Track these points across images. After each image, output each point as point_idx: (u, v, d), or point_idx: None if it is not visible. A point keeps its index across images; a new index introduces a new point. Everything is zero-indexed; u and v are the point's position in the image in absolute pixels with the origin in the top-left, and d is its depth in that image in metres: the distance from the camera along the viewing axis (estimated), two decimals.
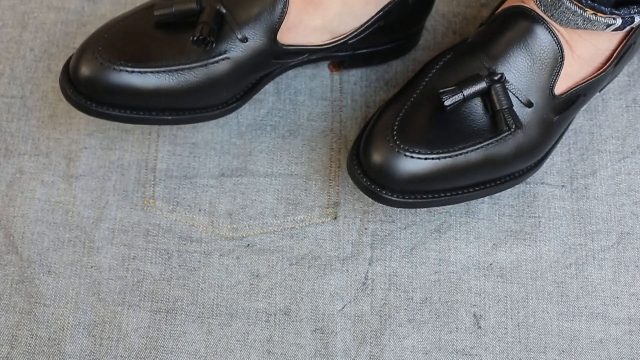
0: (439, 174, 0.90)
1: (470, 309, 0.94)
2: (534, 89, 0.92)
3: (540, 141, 0.93)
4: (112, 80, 0.91)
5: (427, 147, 0.89)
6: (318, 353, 0.93)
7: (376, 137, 0.90)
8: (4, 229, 0.98)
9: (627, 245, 0.96)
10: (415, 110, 0.91)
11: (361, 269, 0.96)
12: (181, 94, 0.93)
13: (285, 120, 1.03)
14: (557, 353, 0.92)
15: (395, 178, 0.89)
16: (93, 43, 0.92)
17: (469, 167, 0.90)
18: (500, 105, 0.90)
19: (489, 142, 0.90)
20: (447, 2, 1.08)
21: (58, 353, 0.93)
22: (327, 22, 0.95)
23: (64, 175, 1.00)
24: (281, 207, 0.99)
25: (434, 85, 0.92)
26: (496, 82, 0.90)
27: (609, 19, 0.90)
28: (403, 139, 0.89)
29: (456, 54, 0.94)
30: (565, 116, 0.95)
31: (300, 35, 0.95)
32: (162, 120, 0.95)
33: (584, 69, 0.95)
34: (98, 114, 0.93)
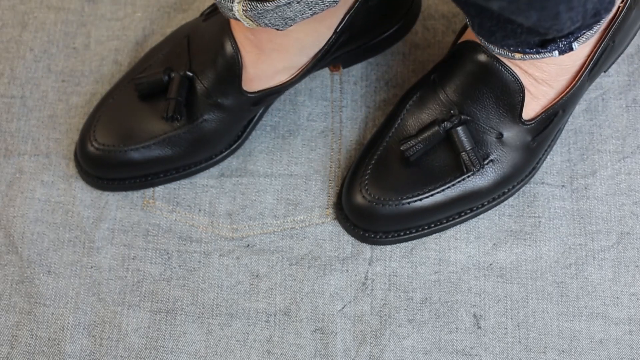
0: (413, 215, 0.94)
1: (470, 309, 0.94)
2: (502, 121, 0.93)
3: (520, 166, 0.95)
4: (111, 161, 0.96)
5: (396, 195, 0.93)
6: (318, 353, 0.93)
7: (351, 189, 0.94)
8: (4, 229, 0.98)
9: (627, 245, 0.96)
10: (385, 157, 0.94)
11: (361, 269, 0.96)
12: (178, 156, 0.97)
13: (285, 120, 1.03)
14: (557, 353, 0.92)
15: (373, 224, 0.95)
16: (86, 131, 0.97)
17: (442, 205, 0.94)
18: (461, 148, 0.92)
19: (458, 180, 0.93)
20: (447, 2, 1.08)
21: (58, 353, 0.93)
22: (287, 62, 0.95)
23: (64, 175, 1.00)
24: (281, 207, 0.99)
25: (402, 130, 0.95)
26: (457, 125, 0.92)
27: (544, 54, 0.88)
28: (374, 190, 0.93)
29: (422, 93, 0.95)
30: (545, 135, 0.95)
31: (265, 81, 0.96)
32: (173, 178, 0.99)
33: (552, 89, 0.93)
34: (112, 188, 0.99)
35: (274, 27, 0.87)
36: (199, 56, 0.95)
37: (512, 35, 0.85)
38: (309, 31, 0.93)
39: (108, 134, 0.96)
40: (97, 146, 0.96)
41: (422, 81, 0.97)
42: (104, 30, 1.07)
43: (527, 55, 0.88)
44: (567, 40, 0.87)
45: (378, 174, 0.94)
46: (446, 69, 0.95)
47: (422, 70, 1.04)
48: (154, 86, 0.95)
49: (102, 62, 1.06)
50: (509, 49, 0.88)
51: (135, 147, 0.96)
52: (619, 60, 1.03)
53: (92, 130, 0.97)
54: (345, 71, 1.05)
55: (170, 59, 0.97)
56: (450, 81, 0.94)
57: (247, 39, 0.93)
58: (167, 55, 0.98)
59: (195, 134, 0.96)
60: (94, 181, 0.99)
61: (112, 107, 0.97)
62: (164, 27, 1.07)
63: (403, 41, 1.06)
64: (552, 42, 0.87)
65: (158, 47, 1.00)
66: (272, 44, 0.93)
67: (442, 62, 0.96)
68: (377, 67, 1.05)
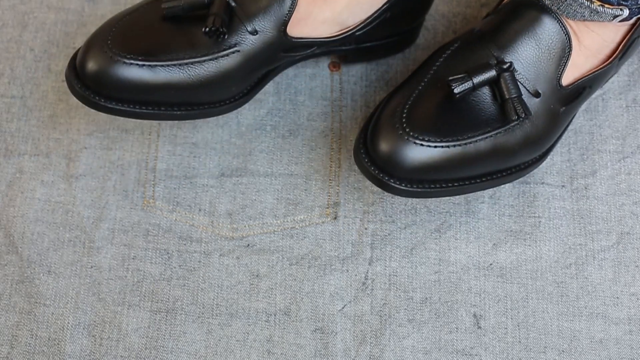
0: (448, 162, 0.89)
1: (470, 309, 0.94)
2: (542, 79, 0.92)
3: (546, 132, 0.93)
4: (121, 74, 0.89)
5: (436, 135, 0.88)
6: (318, 353, 0.93)
7: (384, 124, 0.89)
8: (4, 229, 0.98)
9: (627, 245, 0.96)
10: (423, 98, 0.90)
11: (361, 269, 0.96)
12: (191, 87, 0.92)
13: (285, 120, 1.03)
14: (557, 353, 0.92)
15: (404, 166, 0.88)
16: (101, 36, 0.90)
17: (477, 157, 0.90)
18: (509, 94, 0.89)
19: (497, 131, 0.90)
20: (447, 2, 1.08)
21: (58, 353, 0.93)
22: (336, 14, 0.95)
23: (64, 175, 1.00)
24: (281, 207, 0.99)
25: (442, 74, 0.91)
26: (505, 71, 0.90)
27: (616, 10, 0.90)
28: (412, 126, 0.87)
29: (463, 42, 0.94)
30: (571, 108, 0.95)
31: (310, 27, 0.95)
32: (171, 115, 0.94)
33: (590, 61, 0.95)
34: (106, 109, 0.92)
35: None
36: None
37: None
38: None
39: (126, 44, 0.89)
40: (110, 54, 0.88)
41: (460, 36, 0.95)
42: None
43: (605, 5, 0.89)
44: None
45: (415, 114, 0.88)
46: (493, 22, 0.93)
47: None
48: (188, 9, 0.91)
49: None
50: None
51: (153, 64, 0.89)
52: None
53: (107, 37, 0.89)
54: (345, 71, 1.05)
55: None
56: (497, 33, 0.92)
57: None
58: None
59: (219, 66, 0.91)
60: (89, 97, 0.91)
61: (134, 20, 0.92)
62: None
63: None
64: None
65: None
66: None
67: (486, 19, 0.95)
68: (377, 67, 1.05)
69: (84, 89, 0.91)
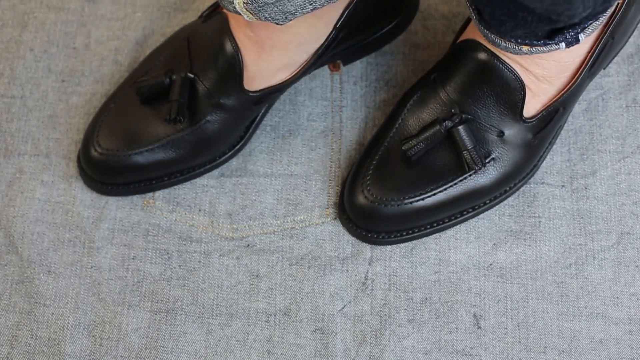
0: (415, 215, 0.94)
1: (470, 309, 0.94)
2: (503, 119, 0.93)
3: (521, 164, 0.95)
4: (115, 165, 0.96)
5: (398, 195, 0.93)
6: (318, 353, 0.93)
7: (354, 190, 0.94)
8: (4, 229, 0.98)
9: (627, 245, 0.96)
10: (387, 157, 0.94)
11: (361, 269, 0.96)
12: (183, 159, 0.97)
13: (285, 120, 1.03)
14: (557, 353, 0.92)
15: (375, 224, 0.95)
16: (89, 136, 0.97)
17: (445, 204, 0.94)
18: (462, 147, 0.92)
19: (461, 179, 0.93)
20: (447, 2, 1.08)
21: (58, 353, 0.93)
22: (287, 58, 0.95)
23: (64, 175, 1.00)
24: (281, 207, 0.99)
25: (404, 130, 0.95)
26: (458, 124, 0.92)
27: (550, 46, 0.88)
28: (376, 190, 0.93)
29: (423, 93, 0.95)
30: (545, 133, 0.95)
31: (266, 79, 0.96)
32: (177, 182, 0.99)
33: (553, 86, 0.94)
34: (116, 193, 0.99)
35: (273, 21, 0.87)
36: (199, 57, 0.95)
37: (522, 25, 0.85)
38: (308, 27, 0.93)
39: (111, 139, 0.96)
40: (100, 151, 0.96)
41: (422, 81, 0.97)
42: (104, 30, 1.07)
43: (534, 47, 0.88)
44: (574, 31, 0.87)
45: (380, 174, 0.94)
46: (446, 68, 0.95)
47: (422, 70, 1.04)
48: (155, 89, 0.95)
49: (102, 62, 1.06)
50: (517, 41, 0.88)
51: (139, 151, 0.95)
52: (619, 60, 1.03)
53: (95, 135, 0.97)
54: (345, 71, 1.05)
55: (171, 61, 0.97)
56: (450, 80, 0.93)
57: (246, 37, 0.93)
58: (167, 58, 0.98)
59: (198, 136, 0.96)
60: (97, 186, 0.98)
61: (114, 112, 0.97)
62: (164, 27, 1.07)
63: (403, 41, 1.06)
64: (560, 33, 0.87)
65: (158, 51, 1.00)
66: (272, 40, 0.93)
67: (442, 61, 0.96)
68: (377, 67, 1.05)
69: (90, 181, 0.99)
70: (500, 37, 0.88)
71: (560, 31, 0.87)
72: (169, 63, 0.97)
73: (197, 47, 0.96)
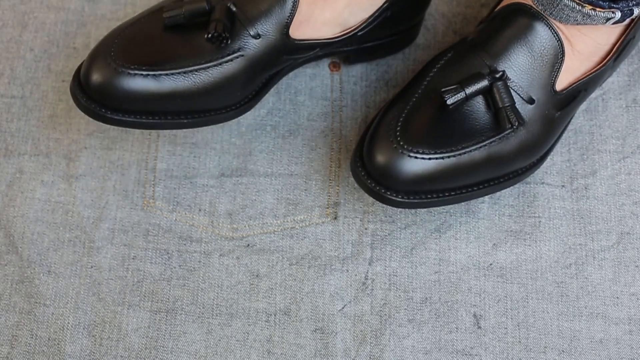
0: (443, 173, 0.89)
1: (470, 309, 0.94)
2: (536, 86, 0.92)
3: (542, 137, 0.93)
4: (126, 85, 0.89)
5: (430, 147, 0.88)
6: (318, 353, 0.93)
7: (379, 138, 0.89)
8: (4, 229, 0.98)
9: (627, 245, 0.96)
10: (417, 109, 0.91)
11: (361, 269, 0.96)
12: (197, 95, 0.92)
13: (285, 120, 1.03)
14: (557, 353, 0.92)
15: (399, 179, 0.88)
16: (104, 48, 0.90)
17: (472, 166, 0.90)
18: (502, 102, 0.90)
19: (491, 140, 0.90)
20: (447, 2, 1.08)
21: (58, 353, 0.93)
22: (337, 14, 0.95)
23: (64, 175, 1.00)
24: (281, 207, 0.99)
25: (436, 85, 0.92)
26: (498, 80, 0.90)
27: (608, 13, 0.90)
28: (406, 140, 0.88)
29: (457, 52, 0.94)
30: (566, 112, 0.95)
31: (312, 29, 0.95)
32: (179, 124, 0.94)
33: (584, 64, 0.95)
34: (113, 121, 0.91)
35: None
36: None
37: None
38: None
39: (129, 55, 0.89)
40: (114, 65, 0.88)
41: (455, 44, 0.96)
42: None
43: (597, 9, 0.89)
44: (633, 1, 0.90)
45: (410, 126, 0.89)
46: (485, 30, 0.94)
47: None
48: (190, 17, 0.90)
49: None
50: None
51: (157, 74, 0.89)
52: None
53: (110, 48, 0.89)
54: (345, 71, 1.05)
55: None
56: (489, 41, 0.93)
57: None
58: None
59: (223, 71, 0.91)
60: (95, 110, 0.90)
61: (136, 31, 0.91)
62: None
63: None
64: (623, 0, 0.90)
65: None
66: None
67: (479, 25, 0.96)
68: (377, 67, 1.05)
69: (90, 101, 0.91)
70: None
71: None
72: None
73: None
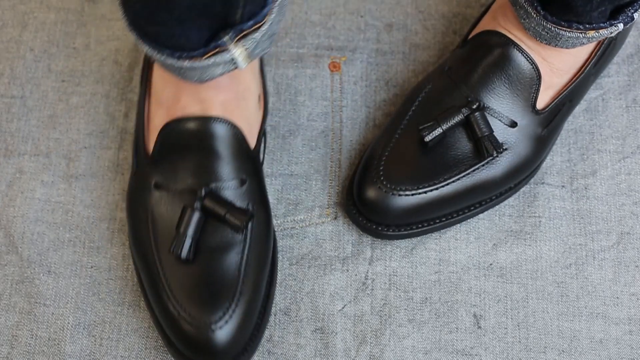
0: (428, 205, 0.92)
1: (470, 309, 0.94)
2: (516, 109, 0.93)
3: (531, 157, 0.95)
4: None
5: (412, 184, 0.91)
6: (318, 353, 0.93)
7: (365, 179, 0.93)
8: (4, 229, 0.98)
9: (627, 245, 0.96)
10: (399, 146, 0.93)
11: (361, 269, 0.96)
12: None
13: (285, 120, 1.03)
14: (557, 353, 0.92)
15: (387, 215, 0.92)
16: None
17: (456, 195, 0.93)
18: (481, 132, 0.91)
19: (474, 168, 0.92)
20: (447, 2, 1.08)
21: (58, 353, 0.93)
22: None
23: (64, 175, 1.00)
24: (281, 207, 0.99)
25: (417, 120, 0.94)
26: (475, 111, 0.92)
27: (611, 29, 0.90)
28: (389, 179, 0.91)
29: (435, 85, 0.95)
30: (553, 127, 0.96)
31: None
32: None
33: (564, 78, 0.95)
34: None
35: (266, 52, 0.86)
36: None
37: (598, 4, 0.86)
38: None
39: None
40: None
41: (432, 74, 0.97)
42: (104, 30, 1.07)
43: (600, 30, 0.89)
44: (633, 9, 0.89)
45: (392, 164, 0.92)
46: (461, 59, 0.95)
47: (422, 71, 1.04)
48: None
49: (102, 62, 1.06)
50: (585, 26, 0.89)
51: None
52: (619, 61, 1.03)
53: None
54: (345, 71, 1.05)
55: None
56: (466, 69, 0.94)
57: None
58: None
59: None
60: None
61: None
62: None
63: (403, 41, 1.06)
64: (622, 12, 0.89)
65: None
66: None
67: (454, 55, 0.96)
68: (377, 67, 1.05)
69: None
70: (565, 27, 0.88)
71: (622, 10, 0.89)
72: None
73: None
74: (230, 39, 0.80)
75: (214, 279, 0.86)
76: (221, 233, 0.87)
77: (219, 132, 0.88)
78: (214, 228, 0.87)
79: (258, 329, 0.89)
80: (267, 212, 0.91)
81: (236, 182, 0.89)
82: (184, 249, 0.86)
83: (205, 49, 0.80)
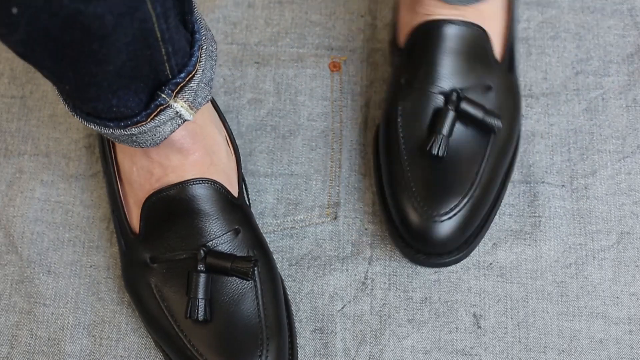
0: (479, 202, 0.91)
1: (470, 308, 0.94)
2: (485, 74, 0.93)
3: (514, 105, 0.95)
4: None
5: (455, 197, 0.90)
6: (318, 353, 0.93)
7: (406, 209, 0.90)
8: (4, 229, 0.98)
9: (627, 245, 0.96)
10: (414, 174, 0.91)
11: (361, 269, 0.96)
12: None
13: (285, 120, 1.03)
14: (557, 353, 0.92)
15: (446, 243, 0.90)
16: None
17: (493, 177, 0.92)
18: (478, 114, 0.91)
19: (491, 144, 0.92)
20: None
21: (58, 353, 0.93)
22: None
23: (63, 175, 1.01)
24: (281, 207, 0.99)
25: (414, 143, 0.92)
26: (459, 101, 0.91)
27: None
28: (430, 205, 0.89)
29: (404, 102, 0.94)
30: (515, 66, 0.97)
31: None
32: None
33: (500, 18, 0.96)
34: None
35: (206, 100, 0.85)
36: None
37: None
38: None
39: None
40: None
41: (392, 95, 0.96)
42: None
43: None
44: None
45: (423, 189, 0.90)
46: (413, 65, 0.94)
47: None
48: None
49: None
50: None
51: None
52: (619, 60, 1.03)
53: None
54: (345, 71, 1.05)
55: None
56: (424, 71, 0.93)
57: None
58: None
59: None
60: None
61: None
62: None
63: None
64: None
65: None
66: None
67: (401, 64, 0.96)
68: (377, 67, 1.05)
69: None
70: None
71: None
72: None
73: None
74: (168, 96, 0.80)
75: (237, 329, 0.87)
76: (230, 286, 0.88)
77: (200, 192, 0.88)
78: (222, 283, 0.88)
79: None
80: (267, 255, 0.91)
81: (230, 234, 0.89)
82: (200, 312, 0.86)
83: (147, 112, 0.80)
